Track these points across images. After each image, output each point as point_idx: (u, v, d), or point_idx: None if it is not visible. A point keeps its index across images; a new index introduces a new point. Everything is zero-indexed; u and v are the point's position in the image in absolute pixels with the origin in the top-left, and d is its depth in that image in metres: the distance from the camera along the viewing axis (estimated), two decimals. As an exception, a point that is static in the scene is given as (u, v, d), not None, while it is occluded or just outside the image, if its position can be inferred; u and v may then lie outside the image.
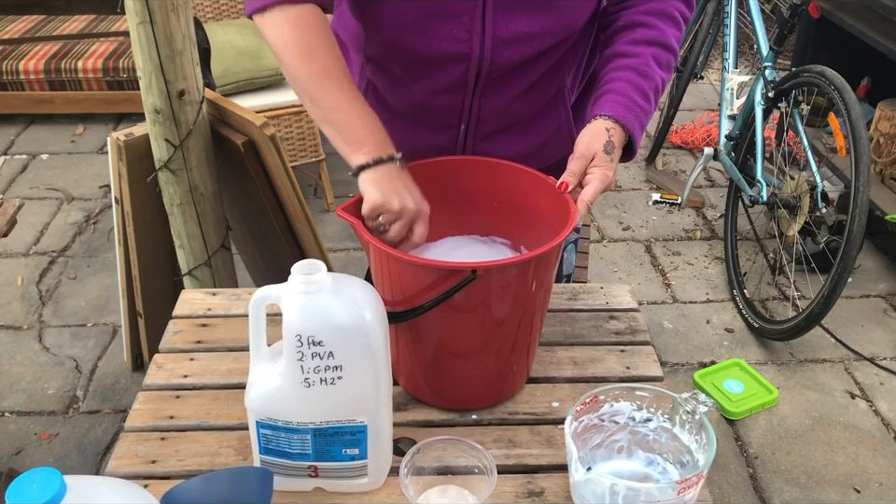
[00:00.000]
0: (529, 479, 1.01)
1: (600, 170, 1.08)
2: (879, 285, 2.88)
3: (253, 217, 2.10)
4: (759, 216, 3.12)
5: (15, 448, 2.15)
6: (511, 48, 1.14)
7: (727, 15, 2.98)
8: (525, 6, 1.12)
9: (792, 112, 2.61)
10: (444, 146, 1.27)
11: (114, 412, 2.28)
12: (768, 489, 2.09)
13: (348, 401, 0.91)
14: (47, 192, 3.36)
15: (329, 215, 3.22)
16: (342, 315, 0.87)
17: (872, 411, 2.34)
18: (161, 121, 1.79)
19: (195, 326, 1.27)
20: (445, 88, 1.19)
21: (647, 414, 0.99)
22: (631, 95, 1.13)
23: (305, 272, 0.86)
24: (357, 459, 0.96)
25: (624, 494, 0.86)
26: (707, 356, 2.55)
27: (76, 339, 2.55)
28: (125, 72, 3.73)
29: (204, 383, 1.16)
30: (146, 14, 1.66)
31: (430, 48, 1.14)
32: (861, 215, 2.22)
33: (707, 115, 3.97)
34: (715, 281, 2.90)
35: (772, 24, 2.79)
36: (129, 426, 1.08)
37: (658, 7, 1.18)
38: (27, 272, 2.86)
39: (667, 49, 1.18)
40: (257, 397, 0.92)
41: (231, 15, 3.52)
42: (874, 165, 2.96)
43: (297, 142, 3.06)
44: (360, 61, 1.25)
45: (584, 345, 1.24)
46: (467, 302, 0.99)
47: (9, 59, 3.72)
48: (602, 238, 3.14)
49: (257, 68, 3.05)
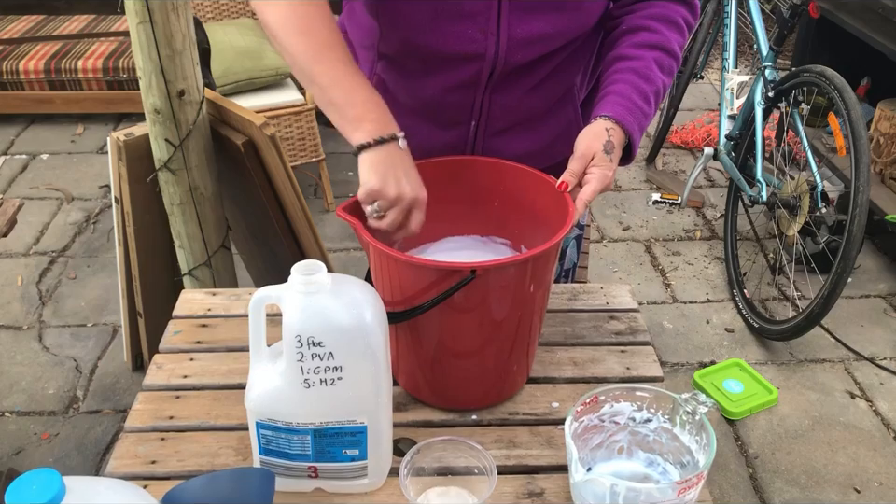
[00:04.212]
0: (529, 479, 1.01)
1: (599, 170, 1.08)
2: (879, 285, 2.88)
3: (253, 217, 2.09)
4: (759, 216, 3.12)
5: (15, 448, 2.15)
6: (525, 48, 1.14)
7: (727, 15, 2.98)
8: (540, 6, 1.12)
9: (792, 112, 2.61)
10: (455, 143, 1.27)
11: (114, 412, 2.28)
12: (768, 489, 2.09)
13: (348, 402, 0.91)
14: (47, 192, 3.36)
15: (329, 215, 3.22)
16: (342, 316, 0.87)
17: (872, 411, 2.34)
18: (161, 121, 1.78)
19: (195, 326, 1.27)
20: (458, 86, 1.19)
21: (647, 415, 0.99)
22: (631, 97, 1.13)
23: (305, 272, 0.86)
24: (357, 460, 0.96)
25: (625, 494, 0.86)
26: (707, 356, 2.55)
27: (76, 339, 2.55)
28: (125, 72, 3.73)
29: (204, 383, 1.16)
30: (146, 14, 1.66)
31: (445, 47, 1.14)
32: (860, 215, 2.22)
33: (707, 115, 3.97)
34: (715, 281, 2.90)
35: (772, 24, 2.79)
36: (129, 426, 1.08)
37: (662, 12, 1.19)
38: (27, 272, 2.86)
39: (670, 53, 1.18)
40: (257, 397, 0.92)
41: (230, 15, 3.52)
42: (874, 165, 2.96)
43: (297, 142, 3.06)
44: (372, 58, 1.25)
45: (584, 346, 1.24)
46: (466, 302, 0.99)
47: (9, 59, 3.72)
48: (602, 238, 3.14)
49: (257, 68, 3.05)
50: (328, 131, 3.31)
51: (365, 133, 1.02)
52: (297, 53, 1.05)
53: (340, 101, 1.04)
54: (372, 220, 1.03)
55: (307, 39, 1.05)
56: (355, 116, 1.03)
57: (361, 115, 1.03)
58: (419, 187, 1.04)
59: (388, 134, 1.03)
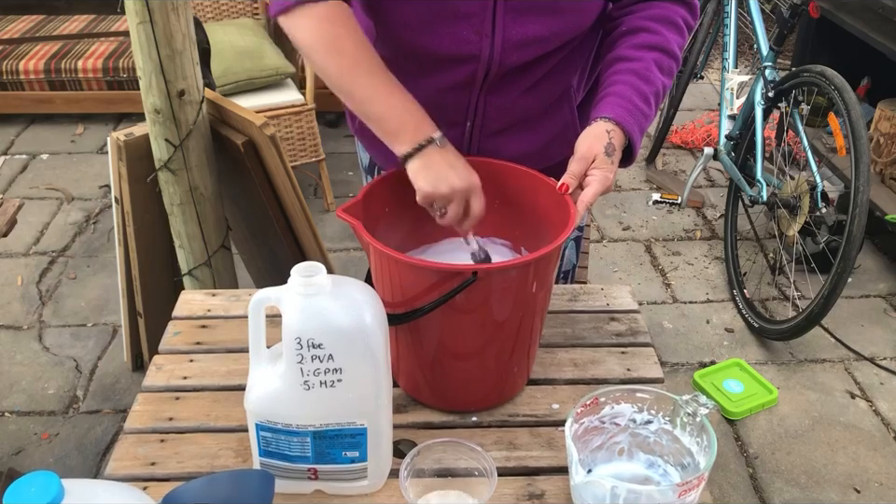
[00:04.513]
0: (530, 481, 1.01)
1: (600, 172, 1.08)
2: (879, 285, 2.88)
3: (253, 217, 2.09)
4: (759, 216, 3.12)
5: (15, 448, 2.15)
6: (520, 49, 1.14)
7: (727, 15, 2.98)
8: (535, 8, 1.12)
9: (792, 112, 2.61)
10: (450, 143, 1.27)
11: (114, 412, 2.28)
12: (768, 489, 2.09)
13: (348, 404, 0.91)
14: (47, 192, 3.36)
15: (329, 215, 3.22)
16: (341, 318, 0.87)
17: (872, 411, 2.33)
18: (161, 121, 1.78)
19: (195, 327, 1.27)
20: (453, 87, 1.20)
21: (648, 416, 0.99)
22: (632, 98, 1.13)
23: (305, 274, 0.85)
24: (357, 462, 0.96)
25: (625, 496, 0.86)
26: (707, 356, 2.55)
27: (76, 339, 2.55)
28: (125, 72, 3.72)
29: (204, 384, 1.16)
30: (146, 14, 1.65)
31: (440, 48, 1.14)
32: (861, 215, 2.22)
33: (707, 115, 3.97)
34: (715, 281, 2.90)
35: (772, 24, 2.79)
36: (128, 427, 1.08)
37: (661, 13, 1.19)
38: (27, 272, 2.86)
39: (669, 54, 1.18)
40: (256, 399, 0.91)
41: (230, 15, 3.52)
42: (874, 165, 2.96)
43: (297, 142, 3.06)
44: None
45: (585, 347, 1.24)
46: (467, 304, 0.99)
47: (9, 59, 3.71)
48: (602, 238, 3.14)
49: (257, 68, 3.04)
50: (328, 131, 3.32)
51: (405, 144, 1.06)
52: (330, 72, 1.10)
53: (376, 115, 1.09)
54: (437, 218, 1.09)
55: (338, 58, 1.09)
56: (392, 129, 1.08)
57: (398, 127, 1.07)
58: (468, 175, 1.08)
59: (426, 139, 1.07)
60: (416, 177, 1.06)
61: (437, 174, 1.06)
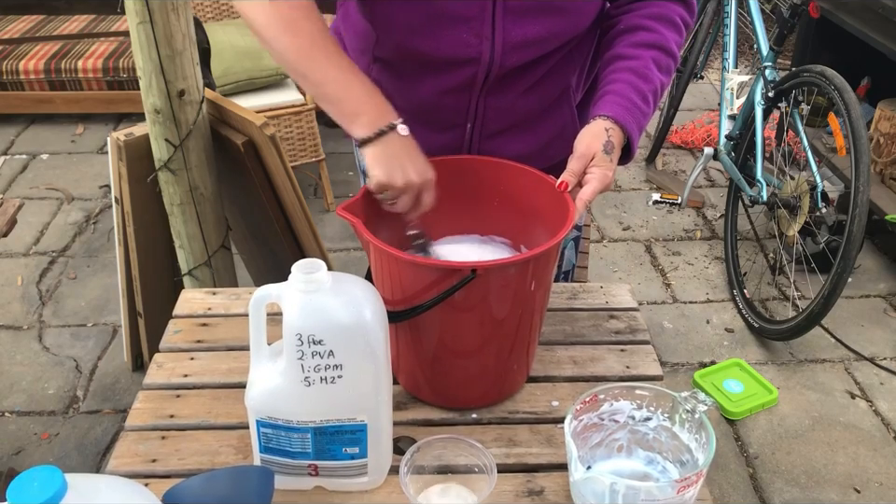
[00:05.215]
0: (529, 478, 1.01)
1: (600, 170, 1.09)
2: (879, 285, 2.88)
3: (253, 217, 2.10)
4: (759, 216, 3.12)
5: (15, 448, 2.15)
6: (520, 51, 1.14)
7: (727, 15, 2.98)
8: (534, 9, 1.12)
9: (792, 112, 2.61)
10: (451, 145, 1.27)
11: (114, 412, 2.28)
12: (768, 489, 2.09)
13: (348, 400, 0.91)
14: (47, 192, 3.36)
15: (329, 215, 3.22)
16: (342, 314, 0.87)
17: (872, 411, 2.34)
18: (161, 121, 1.79)
19: (195, 325, 1.27)
20: (453, 89, 1.20)
21: (647, 413, 0.99)
22: (630, 97, 1.13)
23: (305, 270, 0.86)
24: (358, 458, 0.96)
25: (624, 493, 0.86)
26: (707, 356, 2.55)
27: (76, 339, 2.55)
28: (125, 72, 3.73)
29: (205, 382, 1.16)
30: (146, 14, 1.66)
31: (440, 51, 1.14)
32: (861, 215, 2.22)
33: (707, 115, 3.97)
34: (715, 281, 2.90)
35: (772, 24, 2.79)
36: (129, 425, 1.08)
37: (659, 11, 1.19)
38: (27, 272, 2.86)
39: (668, 52, 1.18)
40: (257, 396, 0.92)
41: (231, 15, 3.52)
42: (874, 165, 2.96)
43: (297, 142, 3.06)
44: (366, 61, 1.25)
45: (584, 344, 1.24)
46: (466, 302, 0.99)
47: (9, 59, 3.72)
48: (602, 238, 3.14)
49: (257, 68, 3.05)
50: (328, 131, 3.31)
51: (364, 127, 1.03)
52: (285, 53, 1.06)
53: (334, 96, 1.06)
54: (385, 206, 1.06)
55: (294, 38, 1.05)
56: (351, 110, 1.05)
57: (357, 109, 1.04)
58: (425, 169, 1.06)
59: (387, 125, 1.04)
60: (373, 164, 1.03)
61: (395, 164, 1.03)
